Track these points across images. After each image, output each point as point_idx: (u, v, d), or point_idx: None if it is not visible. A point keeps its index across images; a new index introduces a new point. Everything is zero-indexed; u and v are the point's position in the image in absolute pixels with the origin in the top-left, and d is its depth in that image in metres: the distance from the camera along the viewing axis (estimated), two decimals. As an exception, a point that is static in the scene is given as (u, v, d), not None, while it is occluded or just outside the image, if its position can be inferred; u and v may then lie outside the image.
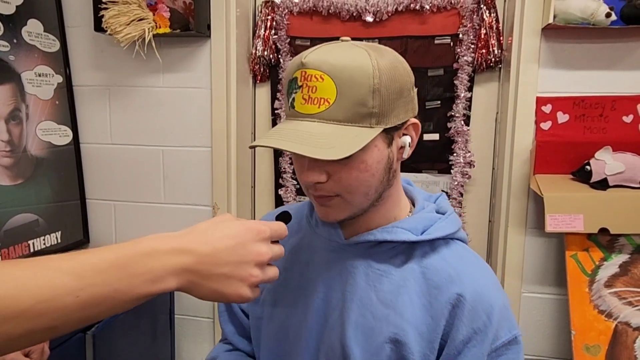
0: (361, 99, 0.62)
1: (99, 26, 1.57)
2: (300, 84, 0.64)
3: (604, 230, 1.32)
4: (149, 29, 1.50)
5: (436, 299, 0.68)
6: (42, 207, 1.60)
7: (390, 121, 0.65)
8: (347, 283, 0.71)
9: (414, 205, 0.78)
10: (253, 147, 0.67)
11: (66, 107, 1.71)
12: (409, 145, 0.69)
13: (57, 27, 1.67)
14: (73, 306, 0.46)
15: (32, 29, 1.59)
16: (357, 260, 0.72)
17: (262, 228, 0.57)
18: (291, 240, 0.81)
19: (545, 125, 1.44)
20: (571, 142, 1.42)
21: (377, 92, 0.63)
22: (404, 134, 0.69)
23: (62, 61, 1.69)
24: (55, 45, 1.67)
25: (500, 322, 0.67)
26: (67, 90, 1.71)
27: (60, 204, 1.68)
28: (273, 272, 0.59)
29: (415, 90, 0.71)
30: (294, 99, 0.65)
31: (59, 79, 1.68)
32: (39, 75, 1.61)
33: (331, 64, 0.62)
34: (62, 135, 1.69)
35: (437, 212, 0.76)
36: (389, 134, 0.66)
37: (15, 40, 1.53)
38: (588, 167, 1.36)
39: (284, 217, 0.65)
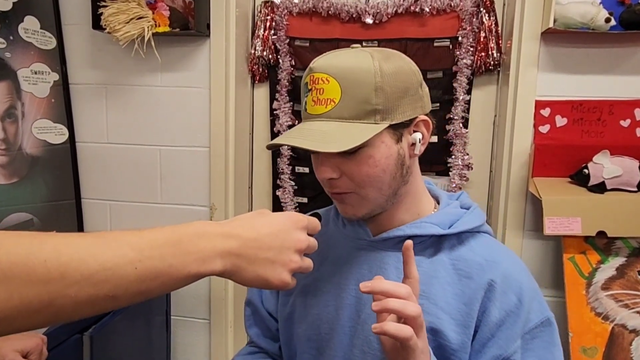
0: (365, 97, 0.66)
1: (97, 24, 1.55)
2: (310, 87, 0.70)
3: (601, 233, 1.33)
4: (148, 27, 1.49)
5: (468, 287, 0.70)
6: (36, 206, 1.59)
7: (396, 117, 0.68)
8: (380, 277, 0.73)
9: (438, 202, 0.81)
10: (270, 148, 0.72)
11: (62, 105, 1.69)
12: (420, 142, 0.72)
13: (54, 24, 1.65)
14: (132, 277, 0.48)
15: (29, 26, 1.57)
16: (387, 256, 0.75)
17: (301, 217, 0.61)
18: (319, 242, 0.82)
19: (544, 129, 1.45)
20: (569, 145, 1.43)
21: (380, 90, 0.66)
22: (414, 131, 0.72)
23: (58, 59, 1.67)
24: (52, 43, 1.65)
25: (531, 303, 0.70)
26: (63, 88, 1.69)
27: (55, 204, 1.66)
28: (309, 261, 0.62)
29: (426, 89, 0.74)
30: (306, 102, 0.71)
31: (55, 76, 1.66)
32: (35, 73, 1.59)
33: (336, 66, 0.67)
34: (57, 134, 1.67)
35: (461, 207, 0.79)
36: (397, 130, 0.69)
37: (11, 37, 1.51)
38: (586, 170, 1.37)
39: (315, 217, 0.68)
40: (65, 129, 1.70)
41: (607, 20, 1.30)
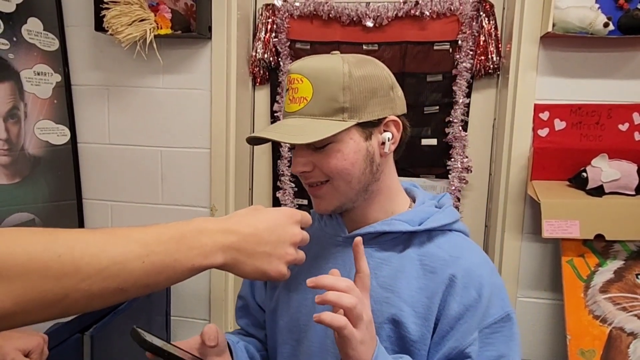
0: (333, 95, 0.72)
1: (99, 26, 1.56)
2: (287, 87, 0.76)
3: (599, 237, 1.34)
4: (150, 29, 1.50)
5: (432, 281, 0.74)
6: (38, 206, 1.60)
7: (364, 116, 0.73)
8: (351, 272, 0.75)
9: (414, 202, 0.84)
10: (250, 142, 0.78)
11: (64, 106, 1.70)
12: (389, 140, 0.76)
13: (57, 26, 1.66)
14: (140, 271, 0.51)
15: (32, 28, 1.58)
16: None
17: (295, 212, 0.65)
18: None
19: (543, 132, 1.46)
20: (568, 149, 1.44)
21: (348, 89, 0.72)
22: (384, 130, 0.77)
23: (61, 60, 1.68)
24: (55, 44, 1.66)
25: (491, 298, 0.73)
26: (65, 89, 1.70)
27: (57, 204, 1.67)
28: (302, 254, 0.66)
29: (399, 92, 0.79)
30: (285, 101, 0.77)
31: (58, 78, 1.68)
32: (38, 74, 1.61)
33: (309, 67, 0.74)
34: (59, 135, 1.68)
35: (436, 207, 0.83)
36: (366, 129, 0.75)
37: (14, 39, 1.52)
38: (584, 174, 1.38)
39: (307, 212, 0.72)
40: (67, 130, 1.71)
41: (606, 25, 1.31)
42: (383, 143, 0.76)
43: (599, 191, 1.37)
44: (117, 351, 1.35)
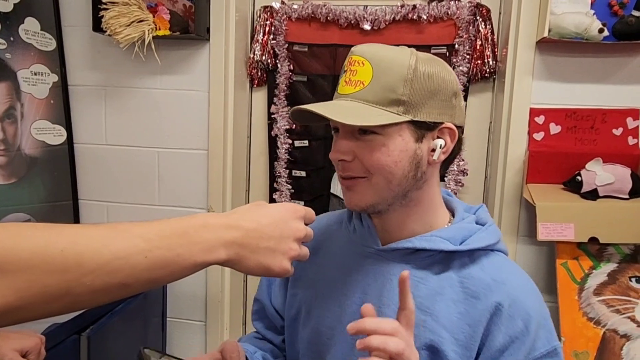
0: (392, 85, 0.67)
1: (97, 26, 1.56)
2: (345, 69, 0.71)
3: (593, 240, 1.35)
4: (148, 30, 1.50)
5: (474, 307, 0.68)
6: (34, 206, 1.59)
7: (420, 115, 0.68)
8: (384, 289, 0.72)
9: (453, 216, 0.78)
10: (293, 116, 0.73)
11: (61, 106, 1.70)
12: (441, 148, 0.70)
13: (54, 26, 1.66)
14: (142, 266, 0.50)
15: (29, 27, 1.58)
16: (394, 267, 0.73)
17: (298, 208, 0.63)
18: (327, 245, 0.83)
19: (538, 136, 1.48)
20: (563, 152, 1.45)
21: (409, 82, 0.67)
22: (438, 137, 0.71)
23: (58, 60, 1.68)
24: (52, 44, 1.66)
25: (538, 331, 0.67)
26: (62, 89, 1.69)
27: (53, 204, 1.67)
28: (306, 250, 0.64)
29: (461, 102, 0.74)
30: (339, 82, 0.72)
31: (55, 78, 1.67)
32: (35, 74, 1.60)
33: (374, 52, 0.69)
34: (56, 135, 1.68)
35: (477, 223, 0.76)
36: (419, 130, 0.69)
37: (12, 38, 1.52)
38: (579, 177, 1.40)
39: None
40: (63, 130, 1.70)
41: (601, 31, 1.33)
42: (433, 150, 0.70)
43: (593, 195, 1.38)
44: (114, 352, 1.35)
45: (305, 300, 0.81)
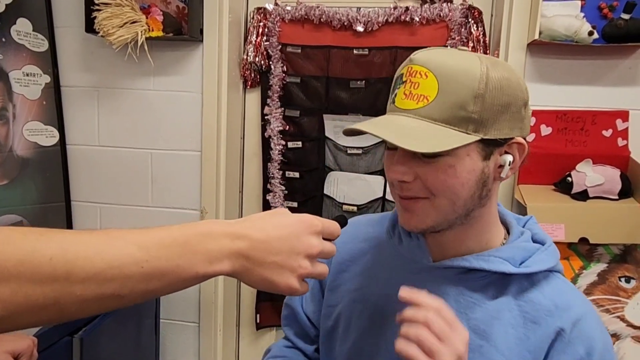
0: (462, 102, 0.60)
1: (90, 27, 1.56)
2: (404, 79, 0.64)
3: (583, 240, 1.37)
4: (141, 32, 1.50)
5: (534, 333, 0.64)
6: (26, 208, 1.58)
7: (490, 132, 0.62)
8: None
9: (507, 231, 0.73)
10: (348, 133, 0.66)
11: (53, 107, 1.69)
12: (509, 165, 0.65)
13: (47, 26, 1.65)
14: (138, 276, 0.47)
15: (21, 28, 1.57)
16: (447, 286, 0.68)
17: (315, 222, 0.58)
18: (370, 255, 0.78)
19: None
20: (554, 154, 1.47)
21: (480, 98, 0.60)
22: (505, 152, 0.65)
23: (50, 61, 1.67)
24: (44, 45, 1.65)
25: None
26: (54, 90, 1.69)
27: (45, 206, 1.66)
28: (322, 268, 0.59)
29: (530, 111, 0.68)
30: (396, 94, 0.65)
31: (47, 79, 1.67)
32: (27, 75, 1.60)
33: (438, 62, 0.62)
34: (48, 136, 1.67)
35: (533, 239, 0.72)
36: (488, 147, 0.63)
37: (3, 39, 1.51)
38: (569, 178, 1.41)
39: (340, 220, 0.64)
40: (56, 131, 1.70)
41: (590, 34, 1.34)
42: (501, 166, 0.65)
43: (583, 195, 1.40)
44: (106, 354, 1.35)
45: (345, 313, 0.76)
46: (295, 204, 1.75)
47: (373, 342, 0.71)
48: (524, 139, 0.66)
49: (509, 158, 0.64)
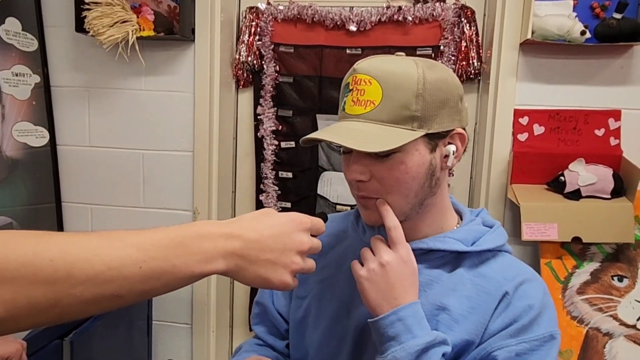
0: (405, 102, 0.67)
1: (80, 27, 1.54)
2: (351, 87, 0.70)
3: (576, 239, 1.37)
4: (132, 31, 1.49)
5: (485, 301, 0.71)
6: (16, 209, 1.56)
7: (433, 127, 0.68)
8: None
9: (460, 218, 0.81)
10: (305, 143, 0.73)
11: (43, 108, 1.67)
12: (453, 154, 0.72)
13: (36, 26, 1.64)
14: (136, 277, 0.48)
15: (10, 28, 1.55)
16: None
17: (304, 219, 0.62)
18: (336, 248, 0.84)
19: (522, 137, 1.49)
20: (546, 153, 1.47)
21: (421, 97, 0.67)
22: (449, 143, 0.72)
23: (40, 61, 1.66)
24: (34, 45, 1.63)
25: (538, 317, 0.69)
26: (44, 90, 1.67)
27: (35, 207, 1.64)
28: (311, 263, 0.63)
29: (466, 104, 0.75)
30: (345, 102, 0.71)
31: (37, 79, 1.65)
32: (16, 75, 1.58)
33: (379, 69, 0.68)
34: (38, 137, 1.65)
35: (484, 224, 0.79)
36: (432, 140, 0.70)
37: (-8, 39, 1.49)
38: (562, 178, 1.41)
39: (322, 217, 0.68)
40: (46, 132, 1.68)
41: (583, 33, 1.34)
42: (446, 156, 0.72)
43: (576, 195, 1.40)
44: (96, 357, 1.34)
45: (314, 302, 0.81)
46: (288, 204, 1.75)
47: (343, 325, 0.77)
48: (464, 129, 0.73)
49: (452, 148, 0.72)
